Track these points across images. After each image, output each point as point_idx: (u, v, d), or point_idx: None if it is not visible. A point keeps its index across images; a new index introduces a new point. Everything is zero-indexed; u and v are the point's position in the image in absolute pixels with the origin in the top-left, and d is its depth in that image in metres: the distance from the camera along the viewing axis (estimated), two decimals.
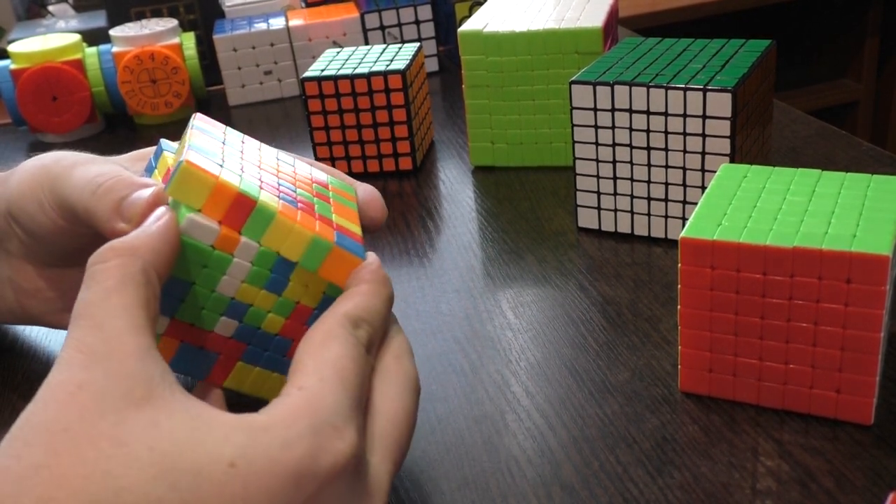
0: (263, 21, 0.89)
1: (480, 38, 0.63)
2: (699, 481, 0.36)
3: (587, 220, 0.57)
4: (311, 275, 0.34)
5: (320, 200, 0.37)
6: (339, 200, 0.38)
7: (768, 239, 0.37)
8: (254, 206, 0.32)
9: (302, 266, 0.34)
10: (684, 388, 0.41)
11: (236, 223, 0.32)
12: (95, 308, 0.29)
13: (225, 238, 0.32)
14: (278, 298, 0.34)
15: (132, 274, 0.30)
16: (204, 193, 0.32)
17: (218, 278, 0.33)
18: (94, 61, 0.83)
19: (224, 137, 0.37)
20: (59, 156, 0.40)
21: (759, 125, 0.55)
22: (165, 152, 0.37)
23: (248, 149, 0.37)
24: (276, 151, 0.39)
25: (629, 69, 0.53)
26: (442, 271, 0.55)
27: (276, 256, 0.33)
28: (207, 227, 0.32)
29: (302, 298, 0.35)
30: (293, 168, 0.38)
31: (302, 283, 0.34)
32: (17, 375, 0.49)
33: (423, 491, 0.38)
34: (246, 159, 0.36)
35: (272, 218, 0.33)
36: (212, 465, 0.26)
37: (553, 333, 0.47)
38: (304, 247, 0.33)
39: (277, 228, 0.33)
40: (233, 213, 0.32)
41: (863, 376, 0.37)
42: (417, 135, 0.68)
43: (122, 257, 0.30)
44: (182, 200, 0.32)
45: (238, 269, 0.33)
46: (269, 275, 0.34)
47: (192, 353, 0.34)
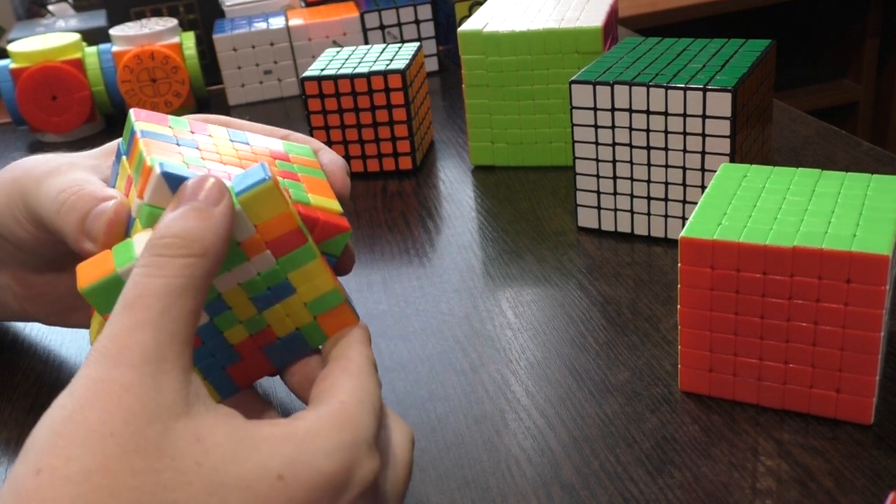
0: (263, 21, 0.89)
1: (480, 38, 0.63)
2: (699, 481, 0.36)
3: (587, 219, 0.57)
4: (300, 309, 0.34)
5: (291, 181, 0.36)
6: (307, 172, 0.37)
7: (768, 239, 0.37)
8: (303, 244, 0.33)
9: (306, 306, 0.34)
10: (684, 387, 0.41)
11: (280, 250, 0.32)
12: (156, 302, 0.28)
13: (253, 243, 0.32)
14: (256, 314, 0.34)
15: (199, 277, 0.29)
16: (270, 214, 0.32)
17: (223, 271, 0.33)
18: (94, 61, 0.83)
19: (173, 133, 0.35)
20: (29, 166, 0.39)
21: (759, 125, 0.55)
22: (123, 157, 0.36)
23: (201, 140, 0.36)
24: (225, 130, 0.38)
25: (629, 69, 0.53)
26: (442, 271, 0.55)
27: (284, 280, 0.33)
28: (248, 225, 0.32)
29: (275, 324, 0.35)
30: (250, 147, 0.37)
31: (286, 310, 0.34)
32: (16, 375, 0.49)
33: (423, 491, 0.38)
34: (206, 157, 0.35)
35: (312, 259, 0.33)
36: (261, 480, 0.27)
37: (553, 333, 0.47)
38: (321, 293, 0.34)
39: (310, 269, 0.33)
40: (282, 242, 0.32)
41: (863, 376, 0.37)
42: (417, 134, 0.68)
43: (193, 257, 0.29)
44: (248, 216, 0.31)
45: (243, 272, 0.33)
46: (265, 290, 0.33)
47: None
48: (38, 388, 0.48)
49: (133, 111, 0.36)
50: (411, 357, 0.47)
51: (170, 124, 0.36)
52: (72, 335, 0.52)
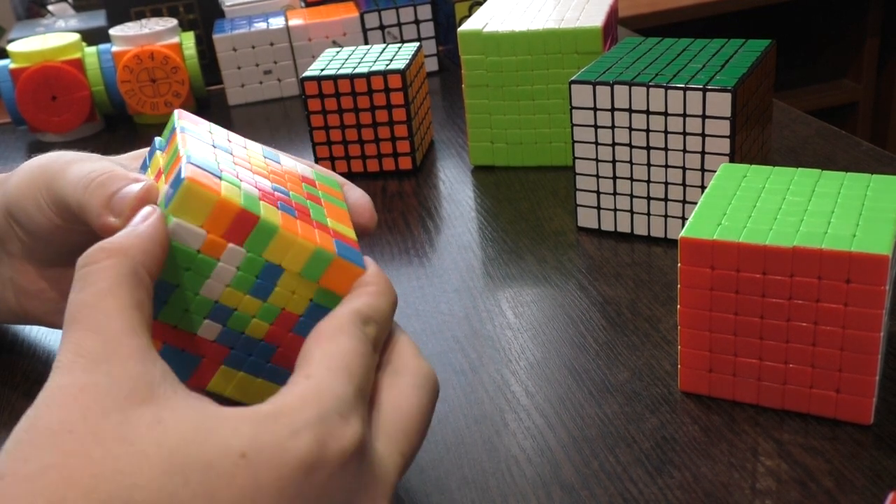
0: (263, 21, 0.89)
1: (480, 38, 0.63)
2: (699, 481, 0.36)
3: (587, 219, 0.57)
4: (299, 282, 0.34)
5: (313, 203, 0.37)
6: (330, 200, 0.38)
7: (768, 239, 0.37)
8: (256, 222, 0.33)
9: (302, 276, 0.34)
10: (684, 387, 0.41)
11: (239, 238, 0.33)
12: (91, 310, 0.29)
13: (211, 243, 0.32)
14: (263, 304, 0.34)
15: (125, 275, 0.30)
16: (206, 211, 0.32)
17: (202, 281, 0.33)
18: (94, 61, 0.83)
19: (212, 139, 0.37)
20: (58, 154, 0.40)
21: (759, 125, 0.55)
22: (158, 151, 0.38)
23: (235, 149, 0.37)
24: (260, 147, 0.39)
25: (629, 69, 0.53)
26: (442, 271, 0.55)
27: (264, 263, 0.33)
28: (194, 231, 0.32)
29: (288, 305, 0.35)
30: (281, 166, 0.38)
31: (289, 289, 0.34)
32: (16, 375, 0.49)
33: (423, 491, 0.38)
34: (238, 163, 0.36)
35: (274, 233, 0.33)
36: (222, 458, 0.26)
37: (553, 333, 0.47)
38: (306, 259, 0.34)
39: (280, 242, 0.33)
40: (235, 229, 0.32)
41: (862, 376, 0.37)
42: (417, 134, 0.68)
43: (114, 258, 0.30)
44: (185, 219, 0.32)
45: (223, 273, 0.33)
46: (255, 280, 0.34)
47: (174, 354, 0.34)
48: (38, 388, 0.48)
49: (177, 112, 0.37)
50: None
51: (209, 130, 0.37)
52: None
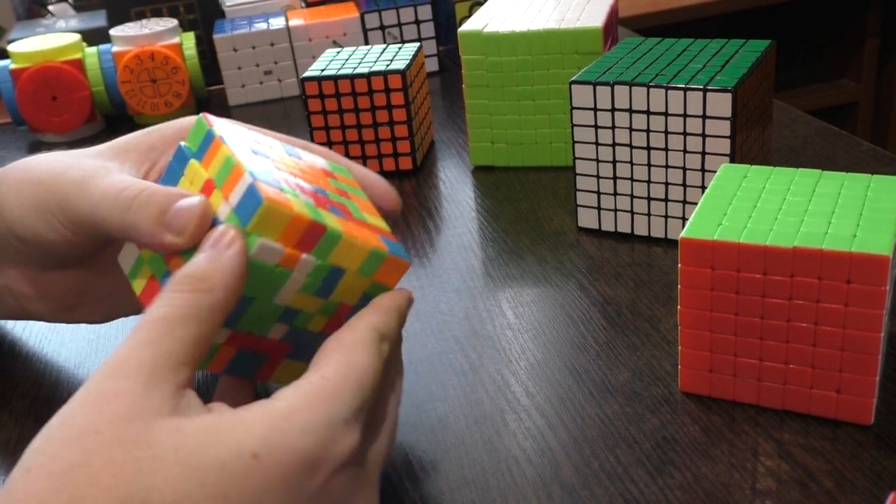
0: (263, 21, 0.89)
1: (480, 38, 0.63)
2: (699, 481, 0.36)
3: (587, 219, 0.57)
4: (356, 279, 0.36)
5: (347, 199, 0.38)
6: (354, 192, 0.40)
7: (768, 239, 0.37)
8: (324, 232, 0.34)
9: (358, 275, 0.36)
10: (684, 388, 0.41)
11: (308, 247, 0.34)
12: (157, 328, 0.30)
13: (289, 257, 0.34)
14: (325, 301, 0.36)
15: (202, 310, 0.31)
16: (281, 227, 0.33)
17: (277, 291, 0.34)
18: (94, 61, 0.83)
19: (247, 144, 0.37)
20: (55, 169, 0.39)
21: (759, 125, 0.55)
22: (193, 160, 0.36)
23: (268, 151, 0.37)
24: (279, 143, 0.39)
25: (629, 69, 0.53)
26: (442, 271, 0.55)
27: (330, 266, 0.35)
28: (275, 249, 0.33)
29: (344, 299, 0.37)
30: (305, 163, 0.39)
31: (347, 286, 0.36)
32: (16, 376, 0.49)
33: (424, 491, 0.38)
34: (279, 168, 0.36)
35: (339, 239, 0.35)
36: (235, 459, 0.28)
37: (553, 333, 0.47)
38: (363, 259, 0.36)
39: (343, 247, 0.35)
40: (304, 240, 0.34)
41: (863, 376, 0.37)
42: (417, 135, 0.68)
43: (199, 292, 0.31)
44: (260, 234, 0.33)
45: (295, 282, 0.34)
46: (321, 283, 0.35)
47: (246, 357, 0.36)
48: (38, 388, 0.48)
49: (205, 116, 0.37)
50: (411, 357, 0.47)
51: (239, 134, 0.37)
52: (71, 336, 0.52)
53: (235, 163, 0.34)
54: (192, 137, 0.37)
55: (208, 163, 0.35)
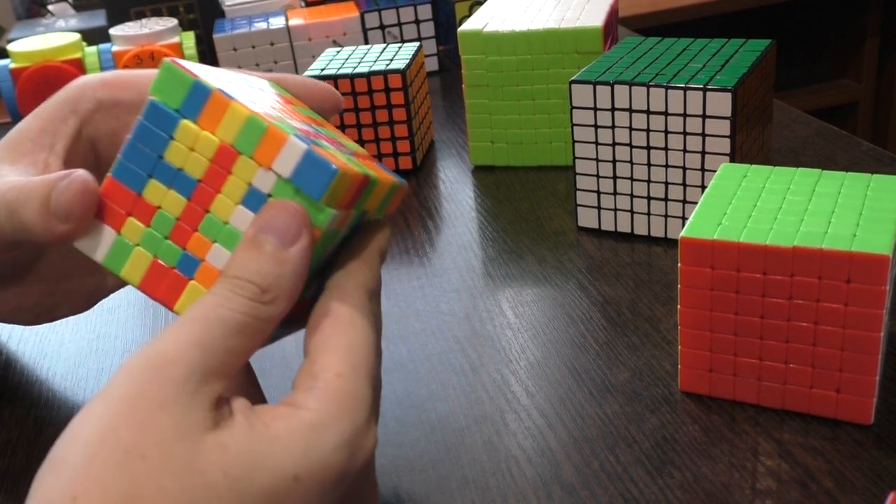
0: (263, 20, 0.89)
1: (480, 38, 0.63)
2: (699, 481, 0.36)
3: (587, 219, 0.57)
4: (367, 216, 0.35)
5: (321, 127, 0.35)
6: (311, 113, 0.37)
7: (768, 239, 0.37)
8: (368, 184, 0.32)
9: (376, 213, 0.35)
10: (684, 387, 0.41)
11: (354, 203, 0.32)
12: (214, 331, 0.28)
13: (344, 217, 0.32)
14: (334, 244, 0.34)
15: (261, 321, 0.29)
16: (343, 192, 0.31)
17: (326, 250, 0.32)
18: (94, 60, 0.83)
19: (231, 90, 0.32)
20: None
21: (759, 125, 0.55)
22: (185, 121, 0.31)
23: (249, 93, 0.33)
24: (242, 77, 0.35)
25: (629, 69, 0.53)
26: (442, 271, 0.55)
27: (363, 213, 0.34)
28: (339, 215, 0.31)
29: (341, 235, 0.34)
30: (270, 93, 0.35)
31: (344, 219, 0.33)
32: (15, 376, 0.49)
33: (424, 491, 0.38)
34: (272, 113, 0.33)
35: (376, 184, 0.33)
36: (279, 483, 0.27)
37: (553, 333, 0.47)
38: (383, 197, 0.34)
39: (376, 192, 0.33)
40: (354, 196, 0.32)
41: (863, 376, 0.37)
42: (417, 134, 0.68)
43: (261, 303, 0.29)
44: (329, 205, 0.30)
45: (339, 237, 0.33)
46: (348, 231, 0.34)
47: None
48: (39, 387, 0.48)
49: (174, 61, 0.31)
50: (411, 357, 0.47)
51: (216, 75, 0.33)
52: (71, 335, 0.52)
53: (267, 125, 0.30)
54: (165, 89, 0.31)
55: (213, 123, 0.31)
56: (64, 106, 0.38)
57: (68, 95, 0.38)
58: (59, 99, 0.39)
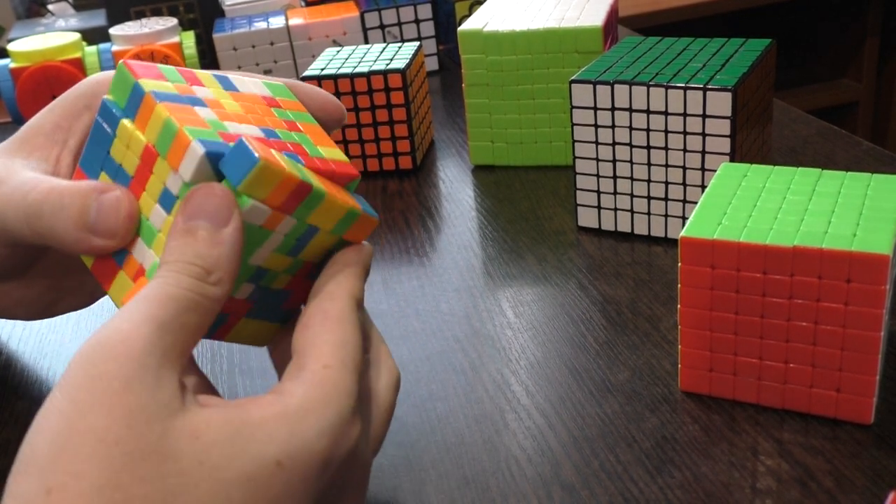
0: (263, 20, 0.89)
1: (480, 38, 0.63)
2: (699, 480, 0.36)
3: (587, 219, 0.57)
4: (328, 237, 0.35)
5: (298, 133, 0.36)
6: (301, 119, 0.37)
7: (768, 238, 0.37)
8: (310, 192, 0.32)
9: (332, 233, 0.34)
10: (684, 387, 0.41)
11: (291, 207, 0.32)
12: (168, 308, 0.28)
13: (273, 218, 0.32)
14: (294, 260, 0.35)
15: (207, 299, 0.30)
16: (272, 184, 0.31)
17: (254, 250, 0.33)
18: (94, 60, 0.83)
19: (177, 90, 0.33)
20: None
21: (759, 125, 0.55)
22: (124, 120, 0.33)
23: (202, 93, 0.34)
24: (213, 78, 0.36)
25: (629, 68, 0.53)
26: (442, 270, 0.55)
27: (307, 226, 0.33)
28: (263, 210, 0.31)
29: (310, 257, 0.35)
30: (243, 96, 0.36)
31: (317, 244, 0.35)
32: (16, 376, 0.49)
33: (424, 491, 0.38)
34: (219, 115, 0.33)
35: (322, 198, 0.33)
36: (260, 470, 0.27)
37: (553, 333, 0.47)
38: (339, 218, 0.34)
39: (324, 206, 0.33)
40: (291, 199, 0.32)
41: (863, 375, 0.37)
42: (417, 134, 0.68)
43: (206, 283, 0.30)
44: (251, 195, 0.31)
45: (274, 241, 0.33)
46: (295, 243, 0.34)
47: None
48: (38, 388, 0.48)
49: (126, 63, 0.33)
50: (411, 357, 0.47)
51: (167, 78, 0.34)
52: (72, 334, 0.52)
53: (178, 128, 0.31)
54: (116, 89, 0.33)
55: (143, 124, 0.32)
56: (78, 101, 0.39)
57: (83, 91, 0.39)
58: (73, 95, 0.39)
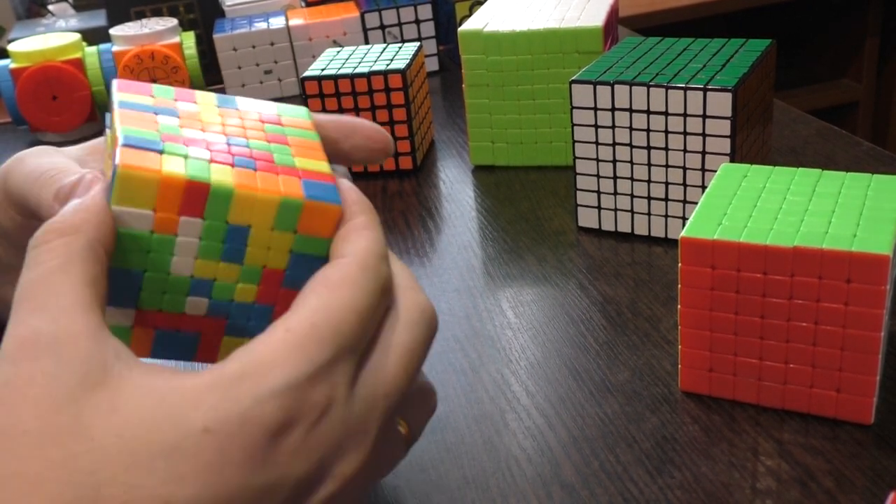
0: (263, 20, 0.89)
1: (481, 38, 0.63)
2: (699, 481, 0.36)
3: (587, 219, 0.57)
4: (272, 236, 0.32)
5: (277, 145, 0.34)
6: (298, 135, 0.35)
7: (768, 238, 0.37)
8: (209, 190, 0.30)
9: (275, 230, 0.31)
10: (684, 387, 0.41)
11: (197, 209, 0.30)
12: (39, 288, 0.27)
13: (162, 221, 0.30)
14: (241, 267, 0.32)
15: (76, 251, 0.28)
16: (152, 193, 0.30)
17: (168, 259, 0.31)
18: (94, 60, 0.83)
19: (154, 103, 0.34)
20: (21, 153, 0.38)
21: (759, 125, 0.55)
22: (107, 129, 0.34)
23: (183, 107, 0.34)
24: (214, 96, 0.36)
25: (629, 69, 0.53)
26: (442, 270, 0.55)
27: (226, 226, 0.31)
28: (138, 214, 0.30)
29: (268, 262, 0.32)
30: (237, 111, 0.35)
31: (262, 246, 0.32)
32: None
33: (423, 491, 0.38)
34: (185, 125, 0.33)
35: (231, 195, 0.30)
36: (185, 438, 0.25)
37: (553, 333, 0.47)
38: (274, 212, 0.31)
39: (241, 203, 0.31)
40: (189, 202, 0.30)
41: (863, 376, 0.37)
42: (417, 134, 0.68)
43: (66, 236, 0.29)
44: (133, 205, 0.30)
45: (186, 247, 0.31)
46: (223, 246, 0.31)
47: (169, 338, 0.33)
48: None
49: (116, 83, 0.34)
50: None
51: (153, 93, 0.34)
52: None
53: (116, 130, 0.31)
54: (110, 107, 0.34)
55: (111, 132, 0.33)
56: None
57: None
58: None
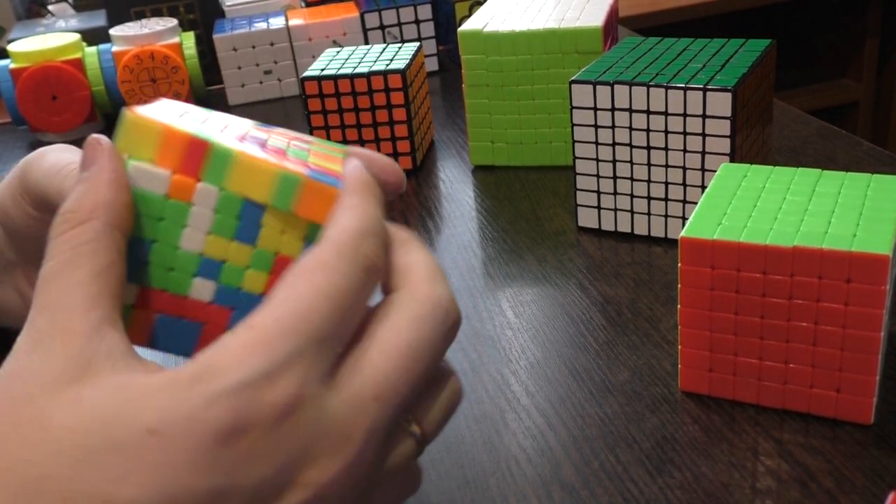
0: (263, 20, 0.89)
1: (480, 38, 0.63)
2: (699, 481, 0.36)
3: (587, 219, 0.57)
4: (286, 217, 0.30)
5: (295, 148, 0.33)
6: (322, 151, 0.34)
7: (768, 238, 0.37)
8: (208, 148, 0.29)
9: (273, 206, 0.30)
10: (684, 387, 0.41)
11: (193, 170, 0.29)
12: (47, 285, 0.27)
13: (178, 184, 0.29)
14: (254, 250, 0.30)
15: (86, 241, 0.28)
16: (153, 142, 0.29)
17: (179, 231, 0.30)
18: (94, 60, 0.83)
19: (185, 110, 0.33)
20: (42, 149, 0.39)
21: (759, 125, 0.55)
22: None
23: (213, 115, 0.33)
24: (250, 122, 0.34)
25: (629, 69, 0.53)
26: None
27: (243, 200, 0.29)
28: (156, 173, 0.29)
29: (281, 248, 0.30)
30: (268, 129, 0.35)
31: (277, 229, 0.30)
32: None
33: (424, 491, 0.38)
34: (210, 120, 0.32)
35: (230, 157, 0.29)
36: (130, 437, 0.24)
37: (553, 333, 0.47)
38: (271, 184, 0.29)
39: (239, 168, 0.29)
40: (188, 160, 0.29)
41: (863, 376, 0.37)
42: (417, 134, 0.68)
43: (77, 226, 0.28)
44: (132, 154, 0.29)
45: (200, 219, 0.30)
46: (237, 223, 0.30)
47: (171, 325, 0.31)
48: None
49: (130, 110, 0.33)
50: None
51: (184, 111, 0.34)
52: None
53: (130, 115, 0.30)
54: None
55: None
56: None
57: None
58: None
